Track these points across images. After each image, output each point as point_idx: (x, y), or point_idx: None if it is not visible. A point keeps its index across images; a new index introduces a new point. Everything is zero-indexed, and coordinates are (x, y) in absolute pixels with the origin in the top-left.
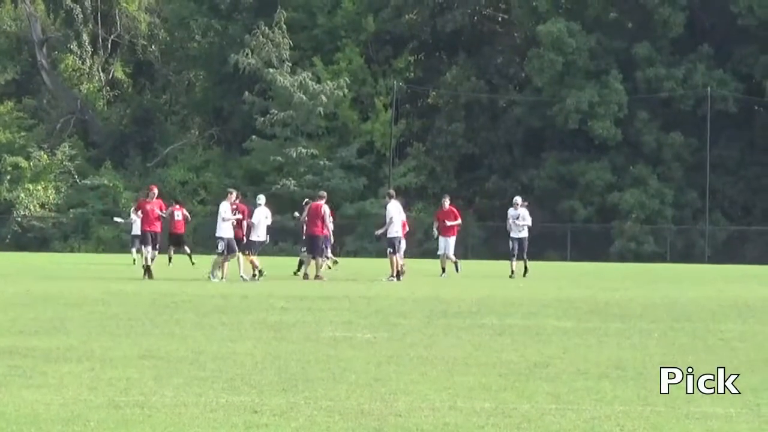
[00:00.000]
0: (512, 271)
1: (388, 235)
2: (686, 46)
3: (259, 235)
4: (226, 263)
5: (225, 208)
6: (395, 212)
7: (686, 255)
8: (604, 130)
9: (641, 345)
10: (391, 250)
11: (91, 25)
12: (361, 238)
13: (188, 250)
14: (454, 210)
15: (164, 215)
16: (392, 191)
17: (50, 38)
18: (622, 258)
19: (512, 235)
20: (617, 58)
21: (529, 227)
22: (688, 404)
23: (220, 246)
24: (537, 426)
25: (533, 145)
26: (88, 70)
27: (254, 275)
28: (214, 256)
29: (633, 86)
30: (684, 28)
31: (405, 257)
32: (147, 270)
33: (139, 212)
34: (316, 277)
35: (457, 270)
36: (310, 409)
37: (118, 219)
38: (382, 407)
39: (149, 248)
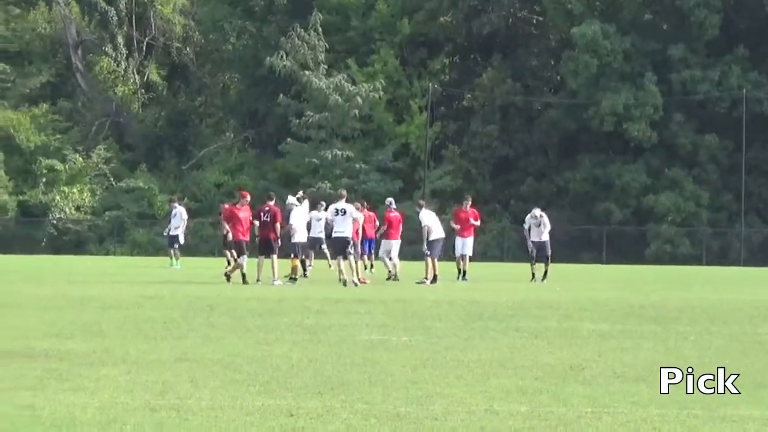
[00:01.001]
0: (533, 275)
1: (428, 239)
2: (721, 48)
3: (301, 236)
4: (261, 266)
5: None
6: (429, 219)
7: (722, 257)
8: (639, 133)
9: (677, 348)
10: (429, 253)
11: (125, 28)
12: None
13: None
14: (475, 211)
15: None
16: (422, 201)
17: (85, 41)
18: (657, 260)
19: (532, 238)
20: (652, 60)
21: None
22: (725, 407)
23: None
24: (573, 429)
25: (568, 148)
26: (123, 72)
27: (292, 278)
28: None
29: (668, 88)
30: (719, 30)
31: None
32: (243, 277)
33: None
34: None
35: (464, 277)
36: (346, 412)
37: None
38: (418, 410)
39: (244, 257)
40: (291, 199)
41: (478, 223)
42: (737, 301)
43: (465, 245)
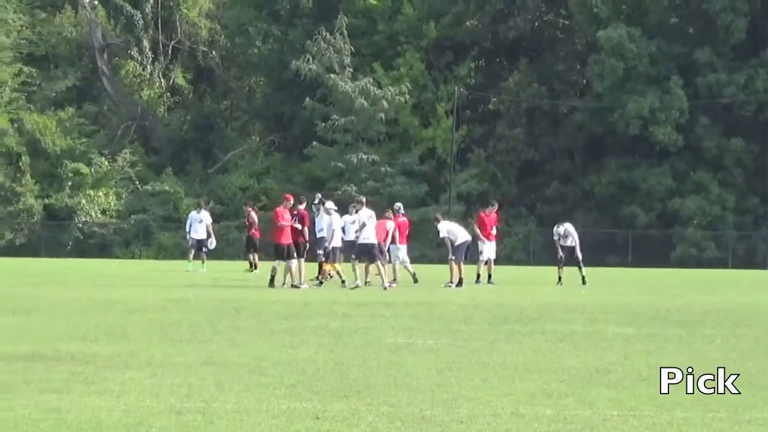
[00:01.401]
0: (559, 278)
1: (455, 244)
2: (747, 52)
3: (337, 240)
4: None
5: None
6: (449, 229)
7: (748, 261)
8: (665, 136)
9: (702, 351)
10: (454, 258)
11: (151, 31)
12: (423, 244)
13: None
14: (496, 217)
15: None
16: (439, 215)
17: (111, 44)
18: (683, 264)
19: (561, 244)
20: (678, 63)
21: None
22: (751, 410)
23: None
24: None
25: (594, 151)
26: (148, 76)
27: (320, 281)
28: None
29: (694, 92)
30: (746, 33)
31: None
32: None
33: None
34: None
35: (490, 280)
36: (371, 415)
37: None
38: (443, 413)
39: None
40: (330, 204)
41: (493, 231)
42: (763, 304)
43: (490, 249)
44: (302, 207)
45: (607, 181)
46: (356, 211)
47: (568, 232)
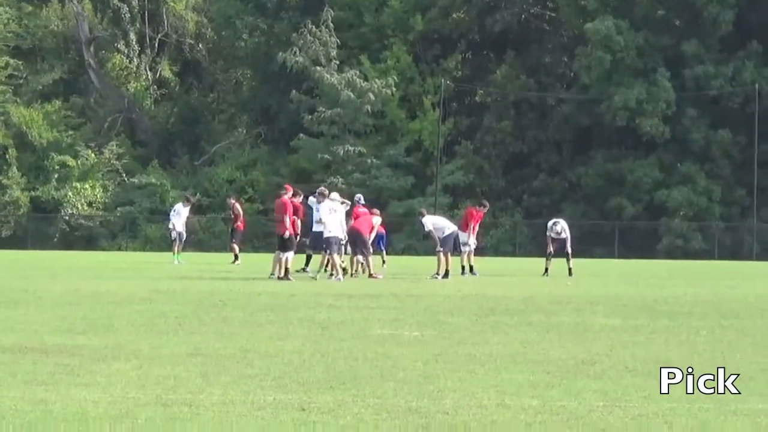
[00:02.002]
0: (546, 270)
1: (442, 236)
2: (735, 44)
3: (331, 230)
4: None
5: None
6: (434, 222)
7: (734, 252)
8: (652, 128)
9: (689, 342)
10: (442, 249)
11: (138, 24)
12: (409, 236)
13: (236, 249)
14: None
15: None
16: (423, 210)
17: (97, 37)
18: (669, 255)
19: (553, 236)
20: (665, 55)
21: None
22: (736, 401)
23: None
24: (584, 423)
25: (581, 143)
26: (135, 69)
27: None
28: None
29: (681, 84)
30: (732, 25)
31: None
32: (286, 272)
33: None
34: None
35: (473, 271)
36: (357, 406)
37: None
38: (429, 405)
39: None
40: (335, 195)
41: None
42: (749, 295)
43: (472, 241)
44: (297, 199)
45: (594, 173)
46: (318, 203)
47: (563, 229)
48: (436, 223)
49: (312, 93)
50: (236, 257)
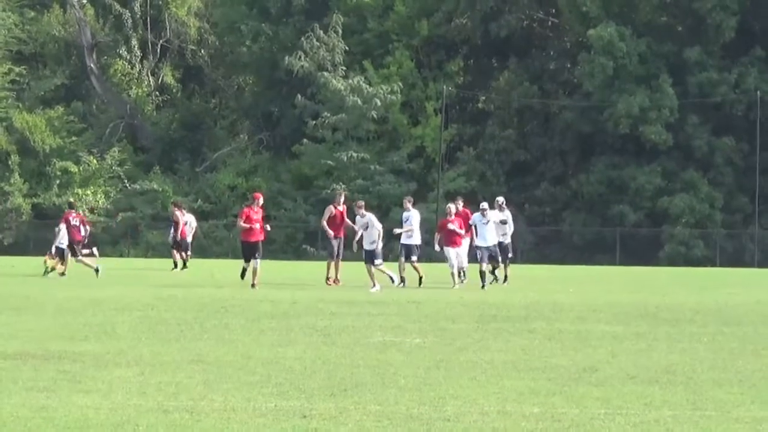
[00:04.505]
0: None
1: (408, 242)
2: (738, 51)
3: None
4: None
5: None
6: (418, 221)
7: (736, 259)
8: (654, 135)
9: (691, 349)
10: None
11: (140, 30)
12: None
13: (177, 257)
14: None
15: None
16: (411, 198)
17: (99, 43)
18: (671, 262)
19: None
20: (668, 62)
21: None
22: (738, 408)
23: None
24: (586, 431)
25: (583, 150)
26: (137, 74)
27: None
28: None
29: (684, 91)
30: (735, 32)
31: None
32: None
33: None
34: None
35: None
36: (359, 413)
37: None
38: (431, 412)
39: (252, 261)
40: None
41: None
42: (751, 302)
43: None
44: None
45: (596, 180)
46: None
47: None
48: (415, 224)
49: (314, 98)
50: (177, 264)
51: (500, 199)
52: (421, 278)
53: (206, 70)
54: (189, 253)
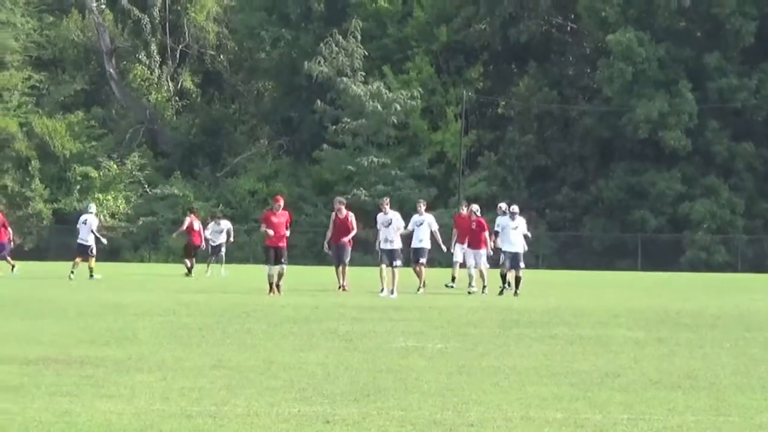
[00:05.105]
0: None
1: (417, 246)
2: (757, 56)
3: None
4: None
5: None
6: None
7: (757, 265)
8: (674, 140)
9: (713, 355)
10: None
11: (159, 35)
12: (432, 247)
13: (189, 264)
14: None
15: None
16: (424, 201)
17: (119, 48)
18: (693, 268)
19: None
20: (687, 67)
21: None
22: (762, 414)
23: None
24: None
25: (603, 156)
26: (156, 80)
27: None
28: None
29: (703, 96)
30: (755, 37)
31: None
32: (271, 287)
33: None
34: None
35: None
36: (381, 419)
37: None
38: (453, 417)
39: (272, 266)
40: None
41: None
42: None
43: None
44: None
45: (616, 186)
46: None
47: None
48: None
49: (334, 104)
50: (189, 270)
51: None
52: (423, 284)
53: (225, 76)
54: (192, 260)
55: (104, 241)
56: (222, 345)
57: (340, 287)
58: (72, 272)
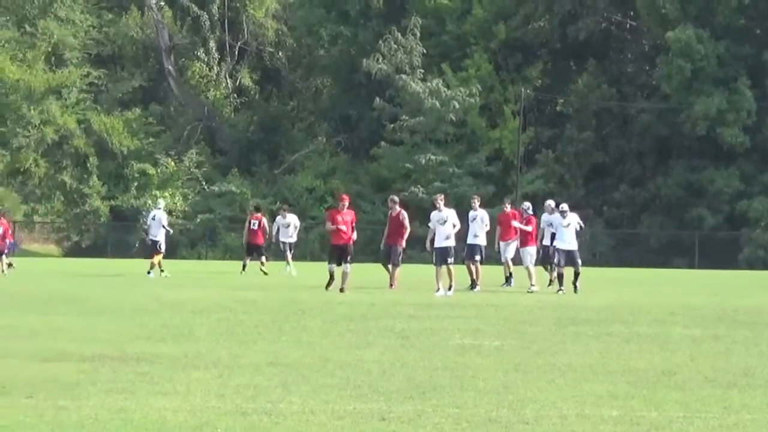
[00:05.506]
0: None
1: (473, 242)
2: None
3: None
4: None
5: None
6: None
7: None
8: (732, 138)
9: None
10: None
11: (218, 32)
12: (490, 245)
13: (263, 260)
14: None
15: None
16: (478, 197)
17: (177, 45)
18: (750, 266)
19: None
20: (746, 64)
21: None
22: None
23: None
24: None
25: (661, 153)
26: (215, 77)
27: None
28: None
29: (762, 93)
30: None
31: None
32: (330, 281)
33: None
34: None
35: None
36: (437, 416)
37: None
38: (509, 415)
39: (334, 264)
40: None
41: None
42: None
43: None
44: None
45: (674, 183)
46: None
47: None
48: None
49: (393, 101)
50: (244, 267)
51: (564, 205)
52: (474, 282)
53: (284, 73)
54: (263, 259)
55: (170, 231)
56: (278, 342)
57: (391, 285)
58: (162, 270)
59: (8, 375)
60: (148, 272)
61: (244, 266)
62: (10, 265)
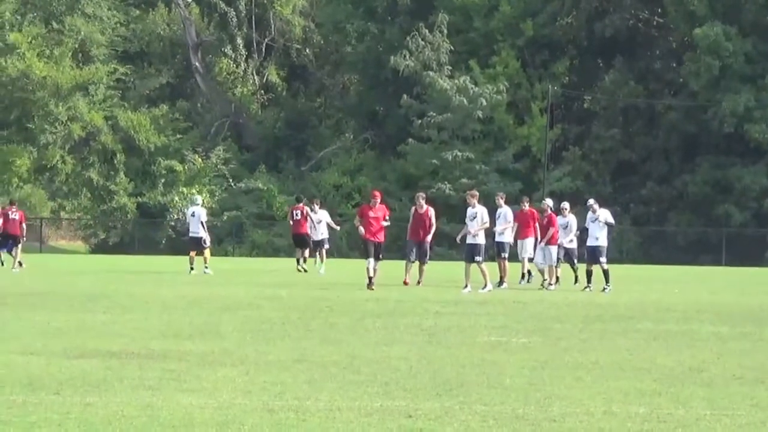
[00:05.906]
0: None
1: (500, 239)
2: None
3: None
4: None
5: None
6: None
7: None
8: (760, 134)
9: None
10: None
11: (245, 29)
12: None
13: (306, 254)
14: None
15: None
16: (503, 194)
17: (204, 42)
18: None
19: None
20: None
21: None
22: None
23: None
24: (692, 431)
25: (688, 150)
26: (242, 73)
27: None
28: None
29: None
30: None
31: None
32: (371, 281)
33: (359, 219)
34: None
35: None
36: (464, 413)
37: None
38: (536, 412)
39: (371, 260)
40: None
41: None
42: None
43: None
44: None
45: (701, 180)
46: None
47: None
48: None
49: (420, 98)
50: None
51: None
52: (502, 279)
53: (311, 69)
54: (306, 252)
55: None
56: (305, 339)
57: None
58: (192, 267)
59: (36, 372)
60: (205, 269)
61: (297, 261)
62: (20, 263)
